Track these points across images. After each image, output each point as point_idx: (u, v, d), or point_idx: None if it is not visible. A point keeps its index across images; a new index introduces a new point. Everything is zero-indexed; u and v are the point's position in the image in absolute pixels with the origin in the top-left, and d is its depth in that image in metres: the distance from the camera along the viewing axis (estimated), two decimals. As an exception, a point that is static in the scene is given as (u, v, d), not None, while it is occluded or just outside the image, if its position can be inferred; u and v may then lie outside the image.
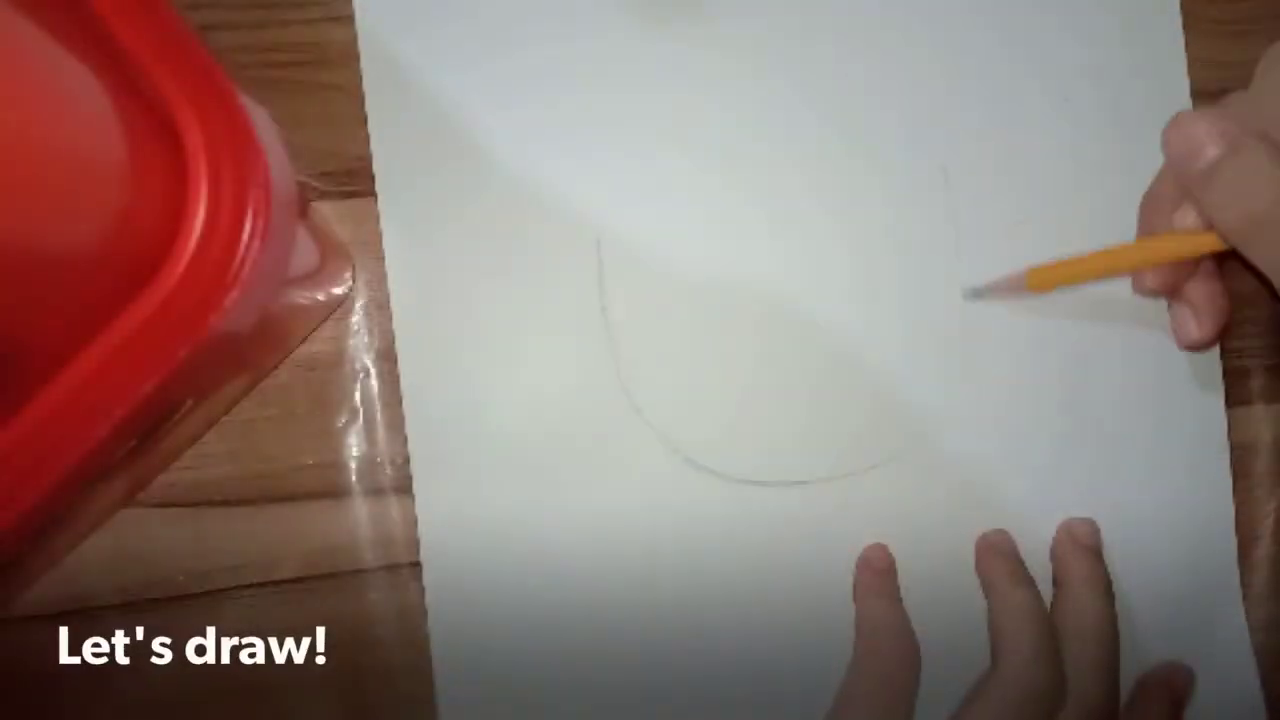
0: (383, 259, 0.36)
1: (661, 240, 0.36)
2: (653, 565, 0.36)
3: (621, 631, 0.36)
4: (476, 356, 0.36)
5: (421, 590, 0.35)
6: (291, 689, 0.35)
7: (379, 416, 0.36)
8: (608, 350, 0.36)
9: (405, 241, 0.36)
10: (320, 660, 0.35)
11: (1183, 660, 0.37)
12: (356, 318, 0.36)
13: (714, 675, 0.36)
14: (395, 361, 0.35)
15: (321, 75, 0.36)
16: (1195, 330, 0.35)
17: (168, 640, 0.35)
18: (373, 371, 0.36)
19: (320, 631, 0.35)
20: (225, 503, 0.36)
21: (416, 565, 0.35)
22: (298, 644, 0.35)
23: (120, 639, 0.35)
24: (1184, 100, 0.38)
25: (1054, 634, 0.34)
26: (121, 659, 0.35)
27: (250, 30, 0.36)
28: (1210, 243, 0.31)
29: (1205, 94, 0.38)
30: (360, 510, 0.36)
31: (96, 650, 0.35)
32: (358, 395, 0.36)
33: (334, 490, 0.36)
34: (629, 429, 0.36)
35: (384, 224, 0.35)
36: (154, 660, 0.35)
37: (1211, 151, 0.30)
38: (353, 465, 0.36)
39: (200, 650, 0.35)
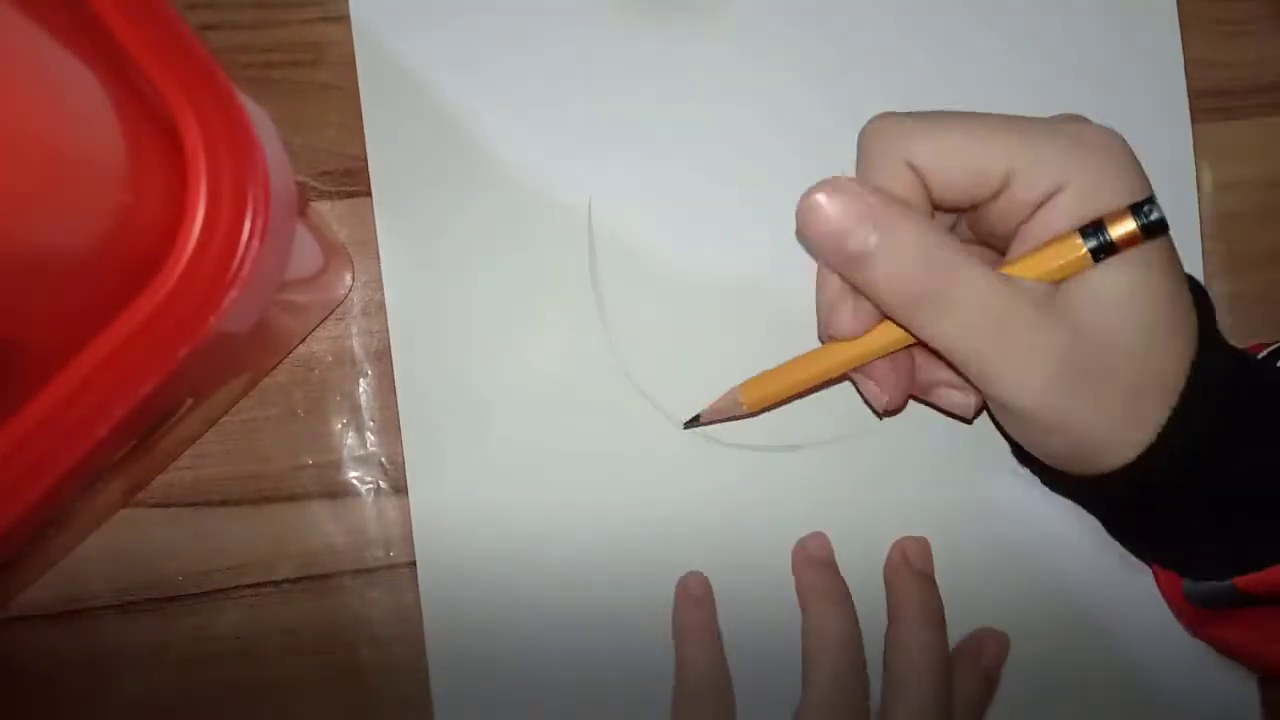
0: (380, 260, 0.36)
1: (658, 239, 0.36)
2: (652, 551, 0.36)
3: (619, 628, 0.36)
4: (471, 355, 0.36)
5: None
6: (291, 689, 0.35)
7: (378, 416, 0.36)
8: (604, 349, 0.36)
9: (400, 241, 0.36)
10: (320, 660, 0.35)
11: (1190, 663, 0.37)
12: (356, 317, 0.36)
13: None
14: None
15: (320, 75, 0.36)
16: (881, 399, 0.33)
17: (167, 640, 0.35)
18: (371, 372, 0.36)
19: (320, 631, 0.35)
20: (224, 503, 0.36)
21: (415, 565, 0.35)
22: (297, 644, 0.35)
23: (119, 639, 0.35)
24: (1181, 100, 0.38)
25: (859, 658, 0.34)
26: (121, 659, 0.35)
27: (249, 30, 0.36)
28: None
29: (1203, 93, 0.38)
30: (359, 510, 0.36)
31: (96, 650, 0.35)
32: (357, 395, 0.36)
33: (333, 490, 0.36)
34: (627, 426, 0.36)
35: (379, 224, 0.35)
36: (153, 660, 0.35)
37: (859, 238, 0.28)
38: (352, 465, 0.36)
39: (200, 650, 0.35)
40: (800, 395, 0.34)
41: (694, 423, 0.35)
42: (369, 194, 0.36)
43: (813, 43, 0.37)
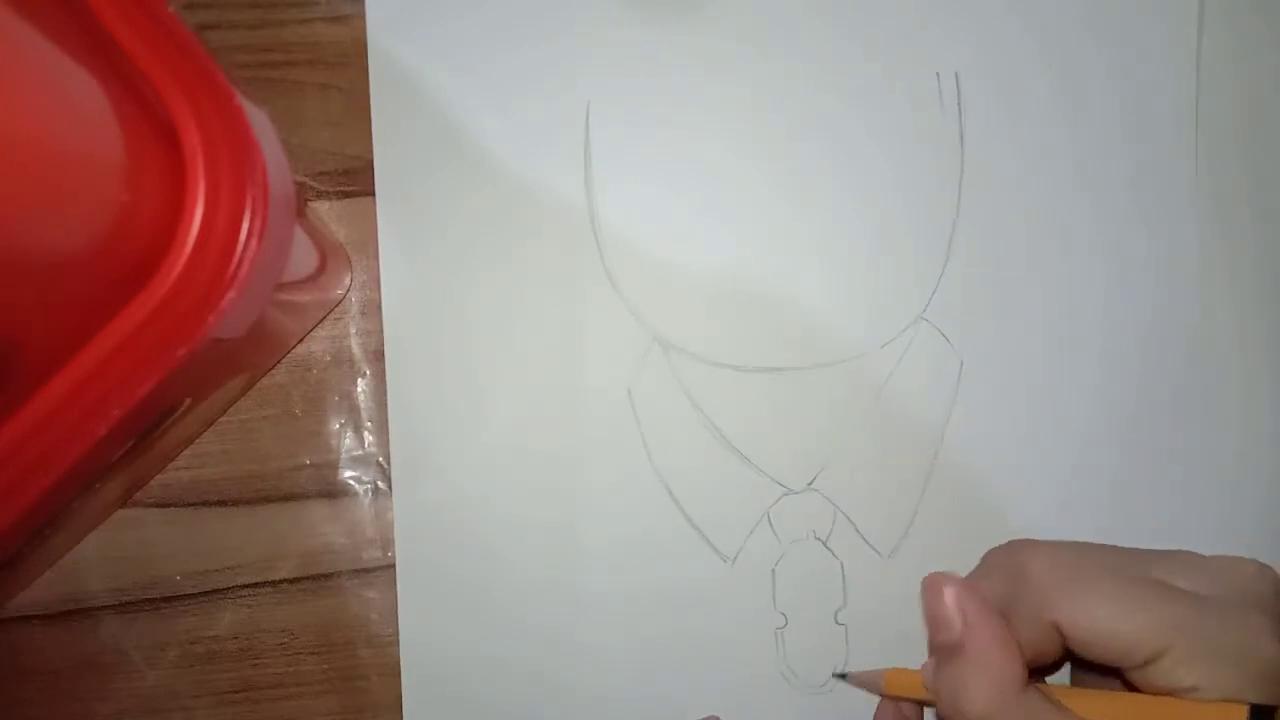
0: (379, 259, 0.36)
1: (667, 240, 0.36)
2: (635, 562, 0.36)
3: (598, 644, 0.35)
4: (468, 359, 0.36)
5: (419, 590, 0.35)
6: (290, 689, 0.35)
7: (376, 417, 0.36)
8: (604, 354, 0.36)
9: (401, 243, 0.36)
10: (319, 660, 0.35)
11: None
12: (354, 317, 0.36)
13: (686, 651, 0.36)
14: (393, 361, 0.36)
15: (319, 75, 0.36)
16: None
17: (166, 640, 0.35)
18: (370, 372, 0.36)
19: (318, 631, 0.35)
20: (222, 503, 0.36)
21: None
22: (296, 644, 0.35)
23: (118, 639, 0.35)
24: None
25: None
26: (119, 658, 0.35)
27: (248, 30, 0.36)
28: None
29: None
30: (357, 510, 0.36)
31: (94, 650, 0.35)
32: (355, 395, 0.36)
33: (331, 490, 0.36)
34: (622, 435, 0.36)
35: (380, 224, 0.35)
36: (151, 660, 0.35)
37: (949, 633, 0.29)
38: (349, 465, 0.36)
39: (198, 650, 0.35)
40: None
41: (841, 678, 0.36)
42: (367, 194, 0.36)
43: (816, 30, 0.37)
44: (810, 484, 0.36)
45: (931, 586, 0.30)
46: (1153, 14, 0.37)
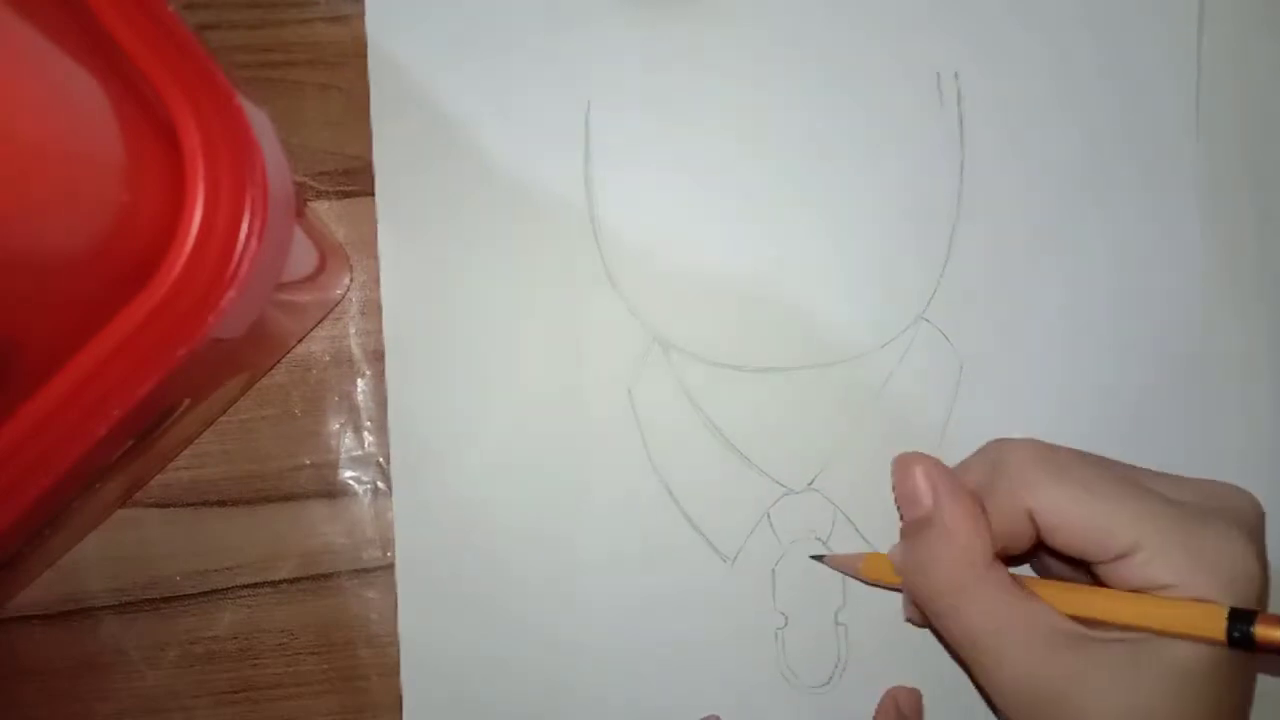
0: (379, 259, 0.36)
1: (667, 242, 0.36)
2: (632, 566, 0.36)
3: (596, 648, 0.35)
4: (468, 359, 0.36)
5: (419, 590, 0.35)
6: (290, 689, 0.35)
7: (375, 416, 0.36)
8: (604, 354, 0.36)
9: (400, 242, 0.36)
10: (319, 660, 0.35)
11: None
12: (354, 317, 0.36)
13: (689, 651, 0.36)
14: (393, 361, 0.36)
15: (319, 75, 0.36)
16: (912, 615, 0.34)
17: (165, 640, 0.35)
18: (369, 372, 0.36)
19: (318, 631, 0.35)
20: (222, 503, 0.36)
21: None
22: (295, 644, 0.35)
23: (117, 639, 0.35)
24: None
25: None
26: (118, 659, 0.35)
27: (248, 30, 0.36)
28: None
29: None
30: (357, 510, 0.36)
31: (94, 650, 0.35)
32: (355, 395, 0.36)
33: (331, 490, 0.36)
34: (622, 435, 0.36)
35: (380, 224, 0.36)
36: (151, 660, 0.35)
37: (918, 508, 0.30)
38: (349, 465, 0.36)
39: (198, 650, 0.35)
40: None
41: (819, 559, 0.36)
42: (367, 194, 0.36)
43: (817, 29, 0.37)
44: (810, 484, 0.36)
45: (902, 464, 0.30)
46: (1153, 14, 0.37)
